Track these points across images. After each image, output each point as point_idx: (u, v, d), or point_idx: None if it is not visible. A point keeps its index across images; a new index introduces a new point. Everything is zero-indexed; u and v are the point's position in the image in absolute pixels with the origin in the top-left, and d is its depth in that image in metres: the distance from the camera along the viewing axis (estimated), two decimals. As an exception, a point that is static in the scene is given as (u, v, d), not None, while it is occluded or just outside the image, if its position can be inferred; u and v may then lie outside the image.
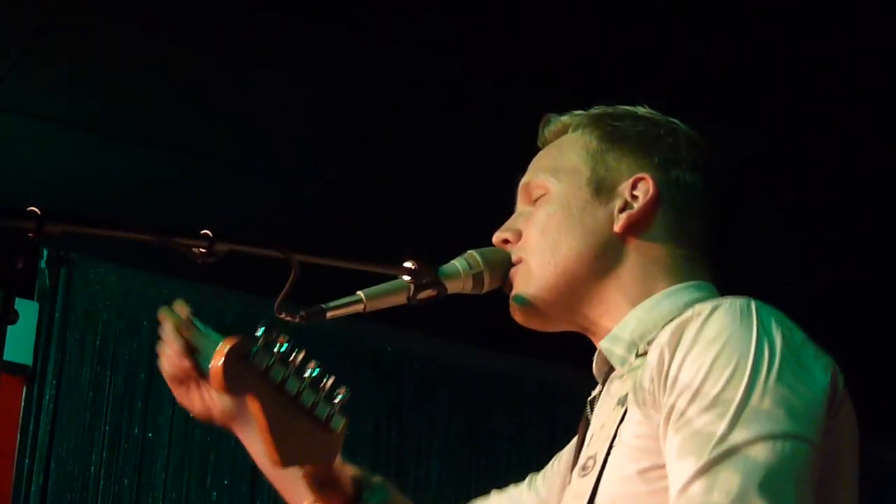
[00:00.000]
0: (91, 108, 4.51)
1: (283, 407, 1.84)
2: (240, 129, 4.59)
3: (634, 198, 1.90)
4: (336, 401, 1.86)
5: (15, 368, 5.14)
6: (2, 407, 5.16)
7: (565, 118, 2.01)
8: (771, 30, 3.98)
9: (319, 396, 1.87)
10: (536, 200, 1.96)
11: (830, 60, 4.08)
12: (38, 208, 1.56)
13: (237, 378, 1.83)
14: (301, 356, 1.83)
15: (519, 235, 1.96)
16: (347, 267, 1.81)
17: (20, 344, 5.16)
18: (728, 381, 1.63)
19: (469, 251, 1.94)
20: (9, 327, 1.52)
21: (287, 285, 1.74)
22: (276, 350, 1.80)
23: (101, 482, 5.21)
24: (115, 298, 5.44)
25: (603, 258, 1.89)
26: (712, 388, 1.63)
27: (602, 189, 1.91)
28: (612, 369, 1.90)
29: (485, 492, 2.24)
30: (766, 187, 4.57)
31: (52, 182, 4.89)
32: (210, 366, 1.84)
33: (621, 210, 1.90)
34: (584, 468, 1.82)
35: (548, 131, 2.04)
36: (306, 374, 1.87)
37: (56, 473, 5.17)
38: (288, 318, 1.77)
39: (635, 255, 1.89)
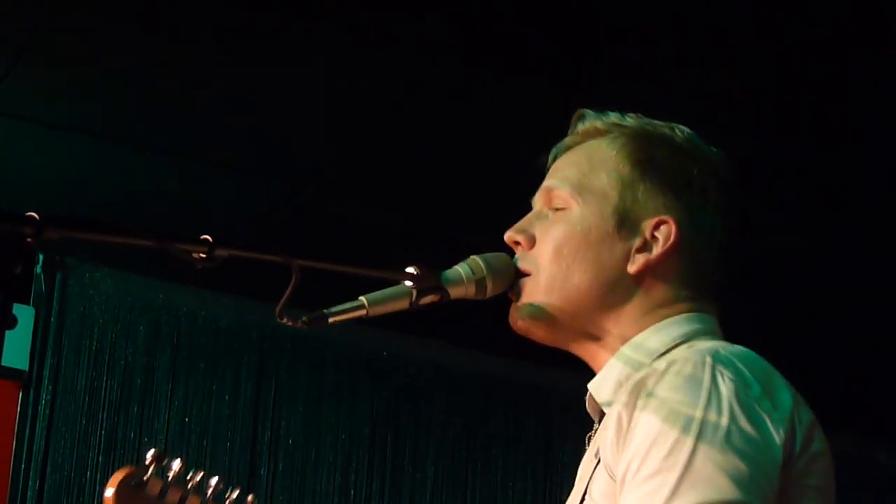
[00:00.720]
0: (88, 111, 4.49)
1: None
2: (239, 132, 4.58)
3: (654, 238, 1.88)
4: None
5: (11, 373, 5.14)
6: (-3, 412, 5.16)
7: (600, 124, 1.97)
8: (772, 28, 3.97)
9: None
10: (557, 210, 1.94)
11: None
12: (36, 213, 1.54)
13: None
14: (199, 475, 1.95)
15: (532, 242, 1.94)
16: (349, 272, 1.80)
17: (16, 349, 5.16)
18: (672, 448, 1.62)
19: (472, 256, 1.93)
20: (5, 332, 1.51)
21: (288, 290, 1.73)
22: (171, 473, 1.92)
23: (97, 487, 5.20)
24: (111, 303, 5.42)
25: (610, 294, 1.88)
26: (658, 454, 1.62)
27: (626, 223, 1.89)
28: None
29: (482, 496, 2.22)
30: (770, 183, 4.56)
31: (50, 185, 4.88)
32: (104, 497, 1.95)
33: (639, 250, 1.88)
34: None
35: (581, 128, 2.00)
36: (209, 492, 2.01)
37: (52, 478, 5.16)
38: (289, 324, 1.76)
39: (642, 296, 1.89)
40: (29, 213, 1.54)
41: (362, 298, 1.83)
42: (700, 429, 1.62)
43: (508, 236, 1.96)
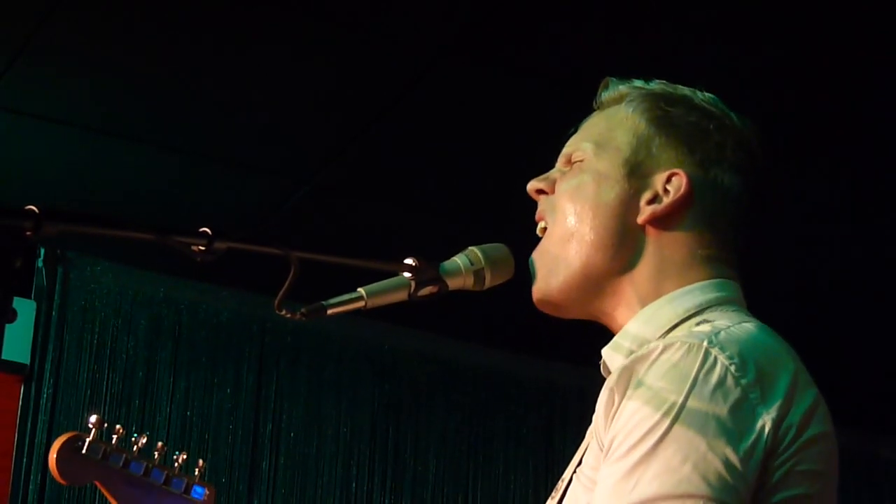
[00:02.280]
0: (88, 107, 4.50)
1: (133, 486, 2.04)
2: (239, 127, 4.58)
3: (666, 192, 1.87)
4: (196, 473, 2.03)
5: (12, 367, 5.15)
6: (-1, 406, 5.17)
7: (623, 87, 1.97)
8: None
9: (173, 472, 2.07)
10: (574, 164, 1.94)
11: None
12: (36, 207, 1.55)
13: (73, 469, 2.09)
14: (143, 439, 2.02)
15: (553, 187, 1.95)
16: (347, 264, 1.80)
17: (17, 343, 5.17)
18: (645, 435, 1.61)
19: (470, 247, 1.93)
20: (6, 326, 1.52)
21: (287, 283, 1.73)
22: (114, 437, 1.99)
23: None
24: (112, 297, 5.43)
25: (621, 247, 1.87)
26: (635, 437, 1.62)
27: (636, 174, 1.89)
28: None
29: (483, 489, 2.23)
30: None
31: (50, 180, 4.89)
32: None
33: (649, 202, 1.87)
34: (555, 490, 1.83)
35: (605, 95, 1.99)
36: (156, 455, 2.09)
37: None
38: (288, 316, 1.76)
39: (653, 250, 1.87)
40: (28, 207, 1.55)
41: (361, 290, 1.83)
42: (676, 417, 1.61)
43: (531, 185, 1.97)
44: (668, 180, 1.88)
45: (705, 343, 1.67)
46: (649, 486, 1.58)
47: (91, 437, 1.97)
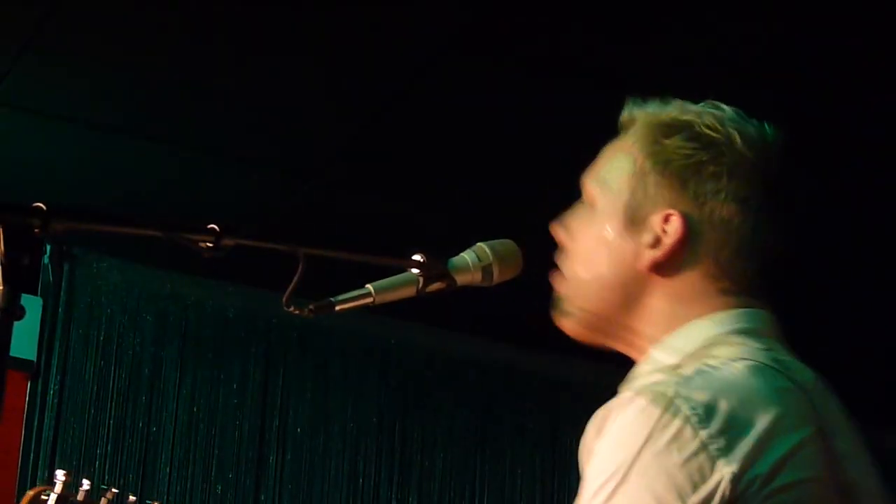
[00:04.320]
0: (94, 104, 4.50)
1: None
2: (246, 123, 4.58)
3: (665, 233, 1.85)
4: None
5: (19, 364, 5.14)
6: (6, 403, 5.15)
7: (635, 111, 1.94)
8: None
9: None
10: (588, 203, 1.93)
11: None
12: (43, 204, 1.55)
13: None
14: (112, 491, 2.05)
15: (569, 237, 1.94)
16: (355, 260, 1.80)
17: (24, 339, 5.16)
18: (602, 486, 1.62)
19: (478, 243, 1.94)
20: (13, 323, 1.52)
21: (295, 279, 1.73)
22: (81, 490, 2.01)
23: (106, 477, 5.21)
24: (119, 293, 5.44)
25: (628, 294, 1.86)
26: (592, 489, 1.64)
27: (635, 220, 1.86)
28: None
29: (489, 484, 2.24)
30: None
31: (57, 177, 4.89)
32: None
33: (651, 245, 1.85)
34: None
35: (623, 118, 1.96)
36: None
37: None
38: (296, 312, 1.76)
39: (663, 293, 1.85)
40: (36, 204, 1.55)
41: (369, 286, 1.83)
42: (627, 470, 1.61)
43: (556, 232, 1.96)
44: (666, 221, 1.85)
45: (670, 392, 1.65)
46: None
47: (57, 491, 2.00)
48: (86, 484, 2.08)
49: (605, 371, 1.85)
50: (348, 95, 4.40)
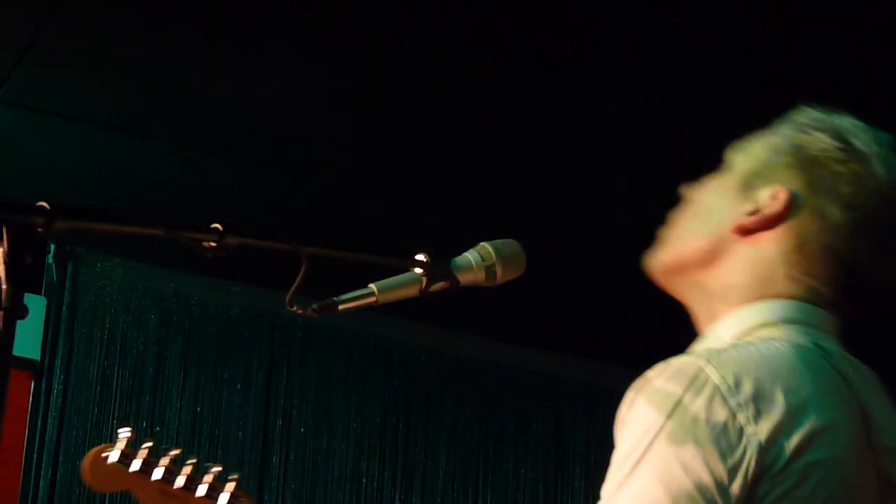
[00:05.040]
0: (97, 103, 4.50)
1: (162, 493, 2.18)
2: (248, 123, 4.58)
3: (768, 206, 1.88)
4: (226, 482, 2.15)
5: (22, 363, 5.14)
6: (10, 402, 5.15)
7: (797, 114, 2.00)
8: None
9: (200, 479, 2.18)
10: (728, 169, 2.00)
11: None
12: (46, 203, 1.55)
13: (104, 477, 2.25)
14: (175, 451, 2.17)
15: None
16: (358, 259, 1.80)
17: (27, 339, 5.17)
18: (629, 453, 1.64)
19: (481, 243, 1.94)
20: (17, 322, 1.52)
21: (298, 279, 1.73)
22: (144, 447, 2.08)
23: (110, 476, 5.21)
24: (122, 292, 5.44)
25: (711, 249, 1.90)
26: (620, 458, 1.65)
27: (748, 186, 1.92)
28: None
29: (493, 483, 2.25)
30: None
31: (60, 176, 4.89)
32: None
33: (750, 213, 1.89)
34: None
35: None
36: (188, 463, 2.20)
37: (64, 468, 5.18)
38: (299, 312, 1.76)
39: (741, 258, 1.88)
40: (39, 203, 1.55)
41: (372, 286, 1.83)
42: (654, 438, 1.62)
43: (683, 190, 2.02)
44: (774, 196, 1.89)
45: (701, 362, 1.67)
46: None
47: (123, 446, 2.09)
48: (148, 443, 2.21)
49: (609, 372, 1.86)
50: (348, 95, 4.41)
